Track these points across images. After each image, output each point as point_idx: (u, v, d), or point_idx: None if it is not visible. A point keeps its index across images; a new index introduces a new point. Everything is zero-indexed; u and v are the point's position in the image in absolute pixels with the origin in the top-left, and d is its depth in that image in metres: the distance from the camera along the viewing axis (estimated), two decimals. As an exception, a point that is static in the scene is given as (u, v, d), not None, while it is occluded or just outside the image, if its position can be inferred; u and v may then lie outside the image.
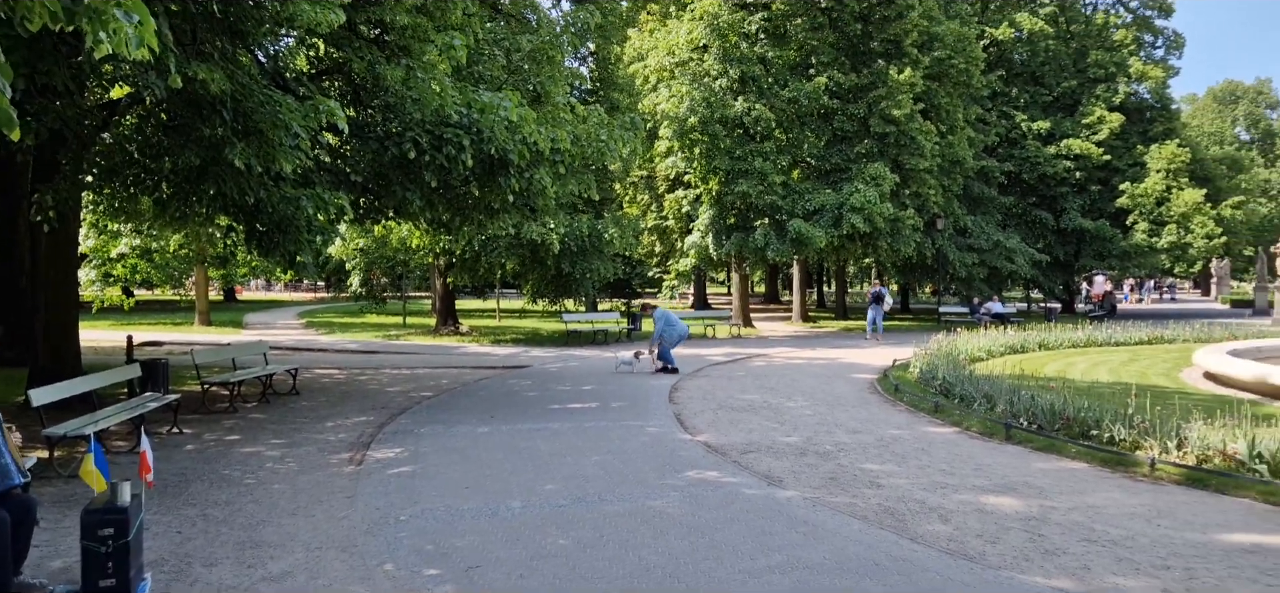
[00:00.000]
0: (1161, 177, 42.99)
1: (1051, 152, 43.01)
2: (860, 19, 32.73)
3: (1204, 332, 27.09)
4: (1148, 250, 42.77)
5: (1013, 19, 45.28)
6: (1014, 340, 22.94)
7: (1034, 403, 11.25)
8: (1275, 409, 12.37)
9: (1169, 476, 8.74)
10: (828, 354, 23.43)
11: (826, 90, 31.71)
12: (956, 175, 36.79)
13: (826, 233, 29.81)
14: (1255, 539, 6.83)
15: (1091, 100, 44.75)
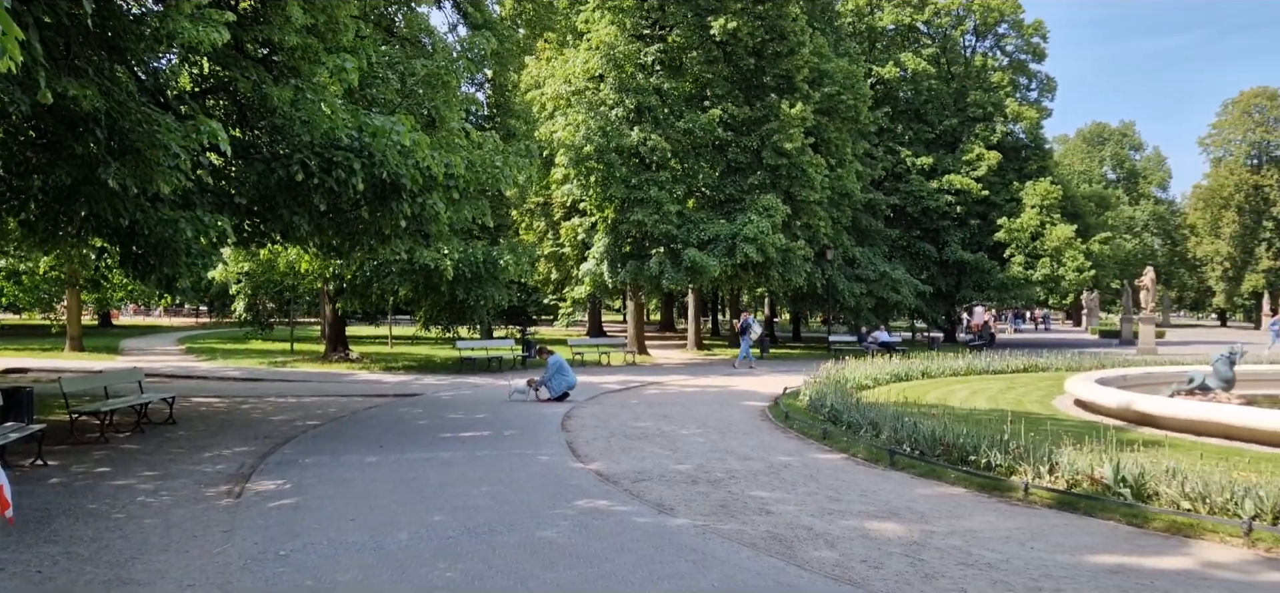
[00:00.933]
0: (1036, 212, 45.01)
1: (934, 186, 44.64)
2: (753, 54, 33.45)
3: (1075, 361, 28.38)
4: (1024, 282, 44.66)
5: (898, 59, 46.95)
6: (899, 369, 23.60)
7: (917, 430, 11.60)
8: (1139, 435, 13.04)
9: (1041, 499, 9.12)
10: (721, 382, 23.72)
11: (721, 122, 32.28)
12: (845, 208, 37.84)
13: (720, 262, 30.25)
14: (1120, 560, 7.17)
15: (971, 138, 46.66)
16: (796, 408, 16.33)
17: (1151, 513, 8.33)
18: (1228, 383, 16.53)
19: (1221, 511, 8.10)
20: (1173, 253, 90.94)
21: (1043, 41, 51.06)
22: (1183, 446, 12.07)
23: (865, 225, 41.96)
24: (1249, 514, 7.82)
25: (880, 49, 48.15)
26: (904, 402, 16.51)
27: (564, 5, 36.62)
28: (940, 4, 49.14)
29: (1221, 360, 16.69)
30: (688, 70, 33.48)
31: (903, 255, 44.40)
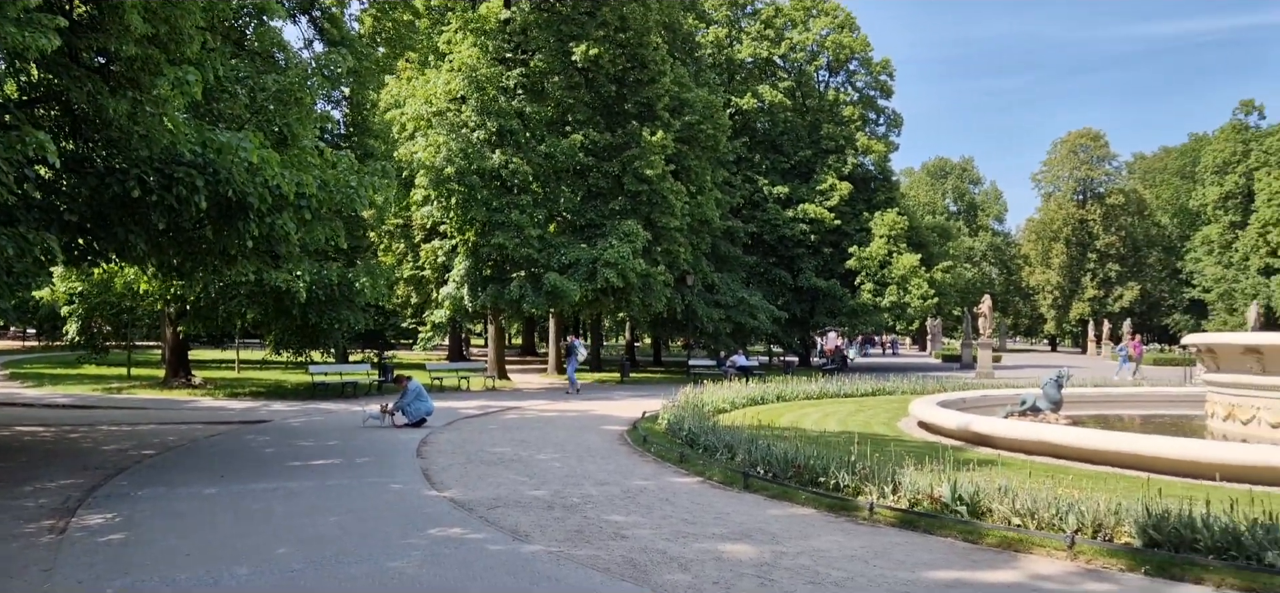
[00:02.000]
0: (884, 241, 46.97)
1: (790, 215, 46.04)
2: (615, 81, 33.81)
3: (919, 384, 29.65)
4: (873, 309, 46.46)
5: (756, 91, 48.32)
6: (756, 392, 24.13)
7: (770, 453, 11.87)
8: (976, 454, 13.73)
9: (886, 518, 9.46)
10: (580, 406, 23.71)
11: (582, 147, 32.45)
12: (705, 234, 38.59)
13: (581, 287, 30.32)
14: (956, 575, 7.51)
15: (825, 169, 48.38)
16: (655, 432, 16.47)
17: (985, 529, 8.76)
18: (1056, 405, 17.59)
19: (1048, 525, 8.59)
20: (1008, 282, 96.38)
21: (890, 79, 53.48)
22: (1015, 464, 12.73)
23: (724, 252, 42.87)
24: (1072, 528, 8.31)
25: (739, 80, 49.44)
26: (759, 425, 16.87)
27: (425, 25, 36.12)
28: (796, 40, 50.88)
29: (1050, 383, 17.75)
30: (550, 95, 33.55)
31: (760, 282, 45.54)
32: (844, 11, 52.11)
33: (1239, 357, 15.82)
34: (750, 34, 50.53)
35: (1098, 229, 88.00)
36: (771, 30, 50.43)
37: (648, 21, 33.66)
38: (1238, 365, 15.88)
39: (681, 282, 37.22)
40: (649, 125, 33.89)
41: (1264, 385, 15.24)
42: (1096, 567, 7.73)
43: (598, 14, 32.82)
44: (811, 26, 51.88)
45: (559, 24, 33.07)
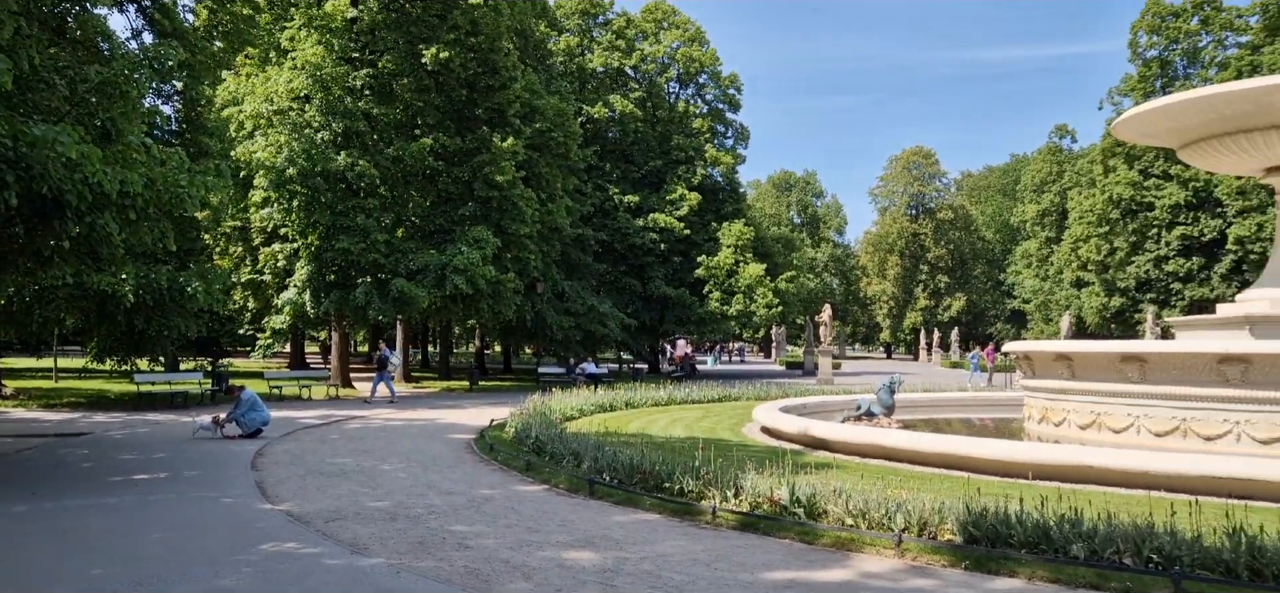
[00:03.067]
0: (731, 251, 48.11)
1: (640, 224, 46.59)
2: (466, 86, 33.40)
3: (763, 390, 30.44)
4: (720, 317, 47.49)
5: (608, 100, 48.67)
6: (605, 399, 24.25)
7: (616, 459, 11.96)
8: (814, 458, 14.23)
9: (727, 522, 9.69)
10: (428, 415, 23.28)
11: (432, 152, 31.89)
12: (555, 242, 38.56)
13: (430, 293, 29.79)
14: (792, 575, 7.76)
15: (675, 179, 49.19)
16: (502, 440, 16.34)
17: (821, 530, 9.09)
18: (889, 409, 18.39)
19: (878, 525, 8.98)
20: (848, 292, 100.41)
21: (738, 93, 54.92)
22: (851, 467, 13.27)
23: (575, 260, 42.97)
24: (900, 527, 8.73)
25: (591, 89, 49.70)
26: (607, 432, 16.98)
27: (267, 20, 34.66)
28: (647, 52, 51.59)
29: (884, 389, 18.56)
30: (399, 97, 32.84)
31: (610, 289, 45.87)
32: (694, 26, 53.20)
33: (1052, 363, 16.96)
34: (602, 44, 50.91)
35: (929, 242, 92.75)
36: (623, 41, 50.97)
37: (499, 27, 33.40)
38: (1051, 371, 17.02)
39: (532, 289, 37.08)
40: (500, 131, 33.63)
41: (1073, 390, 16.38)
42: (921, 563, 8.14)
43: (449, 17, 32.33)
44: (662, 39, 52.72)
45: (408, 25, 32.40)
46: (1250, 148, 17.46)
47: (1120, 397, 15.29)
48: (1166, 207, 55.19)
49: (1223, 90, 17.05)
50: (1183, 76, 58.78)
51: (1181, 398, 14.39)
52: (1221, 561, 7.39)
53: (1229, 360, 13.84)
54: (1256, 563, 7.27)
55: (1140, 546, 7.71)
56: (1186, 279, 54.79)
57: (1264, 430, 13.56)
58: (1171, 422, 14.49)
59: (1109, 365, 15.57)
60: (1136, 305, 55.92)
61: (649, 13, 53.49)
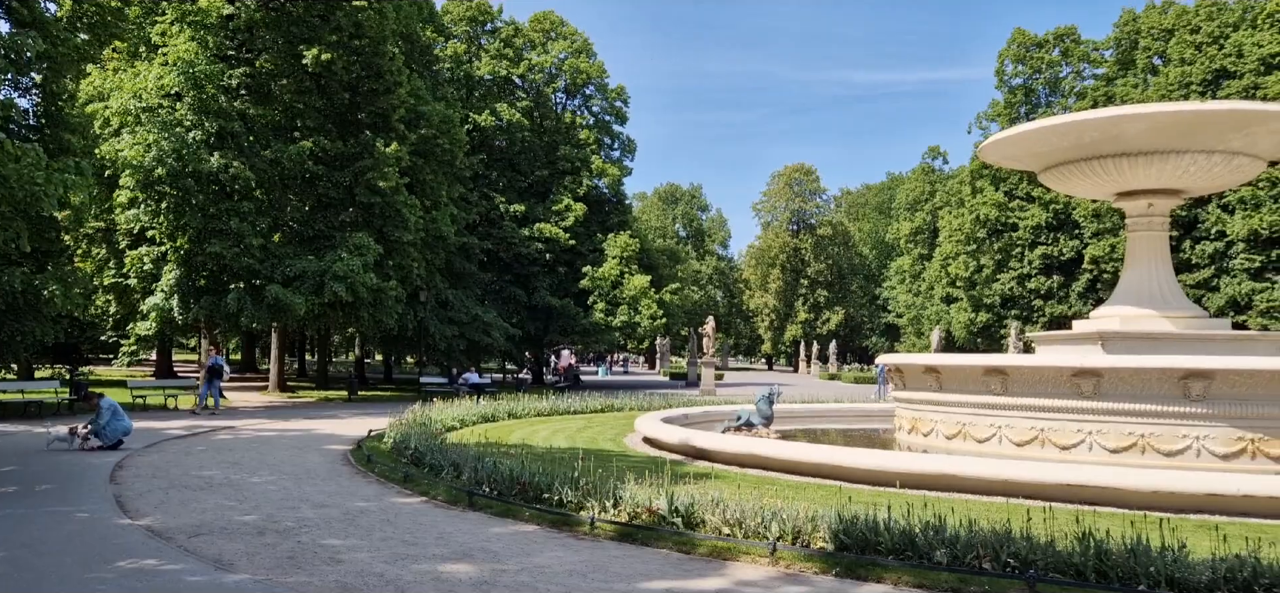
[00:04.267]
0: (617, 262, 48.28)
1: (526, 233, 46.36)
2: (348, 89, 32.67)
3: (646, 401, 30.65)
4: (605, 328, 47.60)
5: (494, 109, 48.26)
6: (487, 410, 24.03)
7: (496, 470, 11.86)
8: (695, 468, 14.41)
9: (606, 532, 9.72)
10: (303, 425, 22.62)
11: (312, 155, 31.05)
12: (439, 250, 38.01)
13: (307, 300, 28.97)
14: (669, 584, 7.85)
15: (561, 190, 49.15)
16: (380, 451, 16.01)
17: (698, 540, 9.21)
18: (768, 420, 18.79)
19: (754, 534, 9.15)
20: (731, 304, 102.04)
21: (624, 106, 55.25)
22: (729, 477, 13.49)
23: (459, 268, 42.44)
24: (774, 536, 8.92)
25: (478, 97, 49.22)
26: (488, 443, 16.81)
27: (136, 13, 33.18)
28: (535, 61, 51.44)
29: (763, 400, 18.94)
30: (278, 98, 31.88)
31: (495, 299, 45.48)
32: (582, 37, 53.31)
33: (921, 375, 17.63)
34: (490, 51, 50.54)
35: (809, 257, 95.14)
36: (511, 50, 50.71)
37: (384, 30, 32.77)
38: (920, 384, 17.68)
39: (415, 297, 36.44)
40: (383, 136, 32.98)
41: (941, 401, 17.06)
42: (795, 571, 8.34)
43: (331, 18, 31.55)
44: (550, 49, 52.66)
45: (289, 25, 31.46)
46: (1103, 173, 18.53)
47: (984, 408, 15.99)
48: (1029, 227, 57.98)
49: (1077, 118, 18.06)
50: (1045, 104, 61.98)
51: (1040, 410, 15.15)
52: (1072, 564, 7.81)
53: (1083, 375, 14.64)
54: (1103, 565, 7.71)
55: (999, 551, 8.08)
56: (1047, 296, 57.64)
57: (1114, 441, 14.39)
58: (1030, 432, 15.23)
59: (974, 378, 16.28)
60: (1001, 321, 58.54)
61: (537, 23, 53.38)
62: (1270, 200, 42.72)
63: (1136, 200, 19.28)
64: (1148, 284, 19.10)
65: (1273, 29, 45.06)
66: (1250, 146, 17.85)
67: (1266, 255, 43.66)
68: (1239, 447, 13.78)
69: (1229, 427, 13.83)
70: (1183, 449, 13.95)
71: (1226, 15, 49.83)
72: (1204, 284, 46.77)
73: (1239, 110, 17.48)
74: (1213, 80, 47.81)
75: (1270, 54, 44.36)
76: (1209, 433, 13.87)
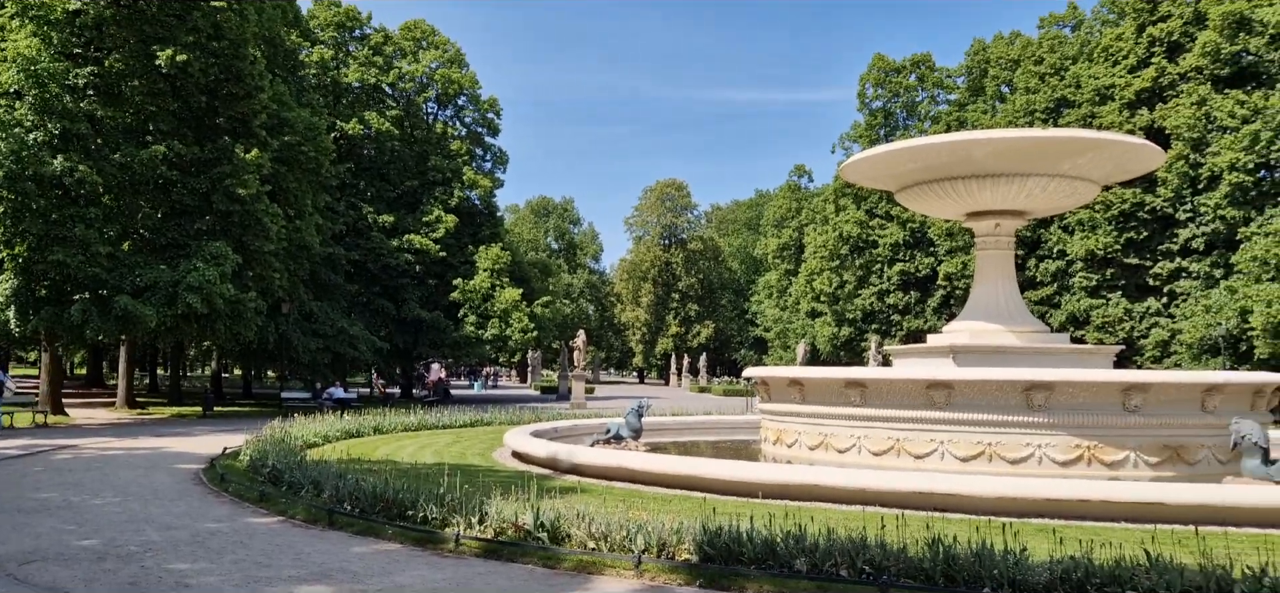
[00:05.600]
0: (488, 275, 47.86)
1: (395, 244, 45.46)
2: (206, 92, 31.34)
3: (517, 415, 30.47)
4: (476, 341, 47.06)
5: (363, 117, 47.20)
6: (352, 425, 23.41)
7: (359, 487, 11.57)
8: (563, 482, 14.38)
9: (471, 549, 9.60)
10: (153, 443, 21.53)
11: (166, 160, 29.62)
12: (303, 260, 36.84)
13: (159, 312, 27.61)
14: (533, 600, 7.82)
15: (432, 201, 48.43)
16: (235, 470, 15.38)
17: (564, 554, 9.20)
18: (637, 433, 18.95)
19: (620, 547, 9.20)
20: (603, 318, 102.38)
21: (497, 117, 54.97)
22: (597, 490, 13.52)
23: (325, 280, 41.25)
24: (640, 549, 8.99)
25: (345, 105, 48.05)
26: (352, 459, 16.39)
27: (-30, 6, 31.10)
28: (405, 70, 50.60)
29: (632, 413, 19.10)
30: (129, 100, 30.30)
31: (363, 311, 44.41)
32: (454, 46, 52.76)
33: (786, 388, 18.09)
34: (358, 58, 49.41)
35: (680, 271, 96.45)
36: (380, 57, 49.71)
37: (245, 32, 31.58)
38: (785, 396, 18.15)
39: (276, 309, 35.20)
40: (244, 142, 31.76)
41: (804, 413, 17.54)
42: (659, 583, 8.43)
43: (188, 18, 30.18)
44: (421, 58, 51.90)
45: (142, 24, 29.93)
46: (954, 194, 19.47)
47: (845, 419, 16.53)
48: (888, 245, 60.31)
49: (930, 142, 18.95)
50: (903, 127, 64.66)
51: (896, 420, 15.76)
52: (923, 569, 8.15)
53: (935, 387, 15.31)
54: (951, 570, 8.08)
55: (855, 558, 8.37)
56: (905, 311, 60.03)
57: (964, 449, 15.09)
58: (888, 442, 15.82)
59: (835, 391, 16.81)
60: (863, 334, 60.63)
61: (408, 31, 52.50)
62: (1106, 223, 45.58)
63: (985, 221, 20.33)
64: (995, 300, 20.15)
65: (1106, 62, 48.20)
66: (1086, 171, 19.07)
67: (1102, 274, 46.56)
68: (1077, 454, 14.65)
69: (1068, 435, 14.69)
70: (1026, 457, 14.74)
71: (1066, 47, 53.12)
72: (1047, 301, 49.53)
73: (1075, 138, 18.69)
74: (1055, 108, 50.84)
75: (1105, 85, 47.44)
76: (1050, 441, 14.70)
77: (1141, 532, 10.03)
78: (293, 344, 36.84)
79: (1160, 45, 45.64)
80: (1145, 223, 44.96)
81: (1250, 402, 15.84)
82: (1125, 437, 14.69)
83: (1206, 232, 42.56)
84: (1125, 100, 45.70)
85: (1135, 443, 14.70)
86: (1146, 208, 44.50)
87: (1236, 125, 40.19)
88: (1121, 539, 9.17)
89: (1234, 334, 36.76)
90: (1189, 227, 43.48)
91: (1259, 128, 39.18)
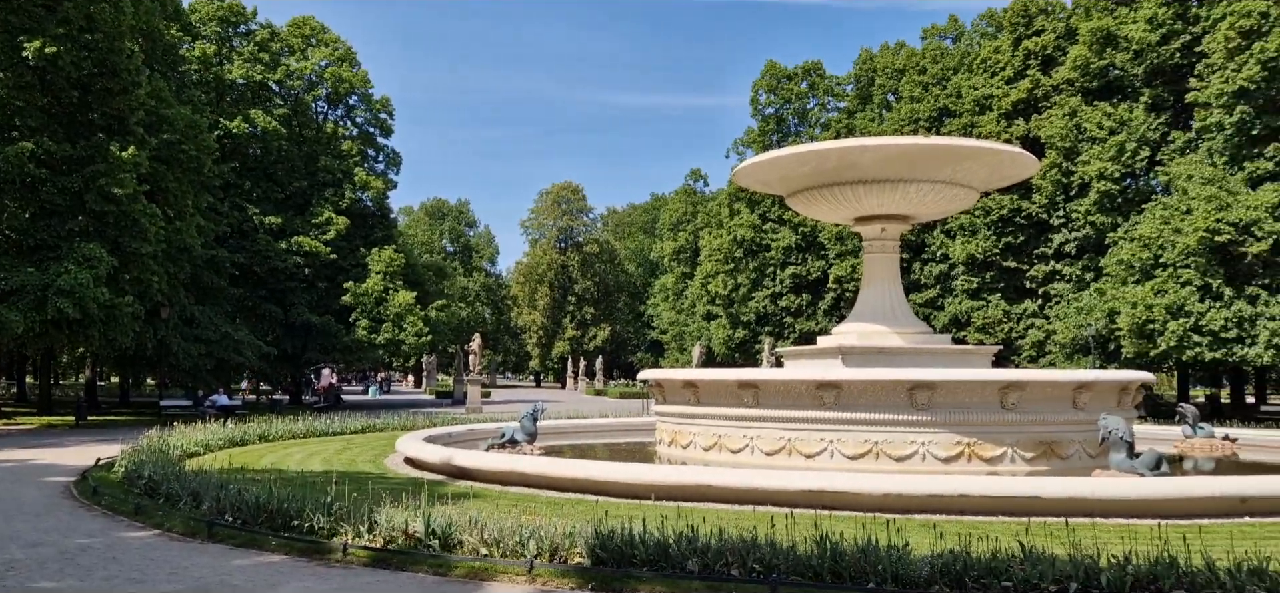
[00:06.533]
0: (381, 278, 46.88)
1: (283, 247, 44.14)
2: (78, 87, 29.86)
3: (410, 420, 29.90)
4: (368, 345, 46.07)
5: (248, 115, 45.67)
6: (235, 433, 22.62)
7: (241, 498, 11.20)
8: (457, 488, 14.18)
9: (359, 558, 9.39)
10: (20, 455, 20.42)
11: (33, 157, 28.11)
12: (184, 263, 35.44)
13: (27, 317, 26.21)
14: (423, 608, 7.69)
15: (321, 202, 47.19)
16: (109, 482, 14.70)
17: (455, 561, 9.09)
18: (532, 436, 18.82)
19: (512, 553, 9.14)
20: (499, 321, 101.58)
21: (390, 118, 53.95)
22: (491, 496, 13.39)
23: (207, 283, 39.76)
24: (532, 553, 8.95)
25: (229, 102, 46.41)
26: (235, 468, 15.86)
27: None
28: (293, 67, 49.20)
29: (527, 417, 18.96)
30: (-8, 93, 28.67)
31: (249, 315, 43.00)
32: (344, 45, 51.54)
33: (680, 390, 18.26)
34: (243, 55, 47.76)
35: (577, 274, 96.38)
36: (267, 54, 48.16)
37: (120, 25, 30.17)
38: (679, 398, 18.32)
39: (155, 314, 33.75)
40: (119, 139, 30.36)
41: (699, 415, 17.73)
42: (552, 587, 8.41)
43: (58, 9, 28.70)
44: (310, 55, 50.55)
45: (6, 13, 28.33)
46: (842, 199, 19.98)
47: (738, 420, 16.77)
48: (781, 249, 61.44)
49: (818, 147, 19.40)
50: (795, 133, 65.98)
51: (788, 421, 16.07)
52: (811, 566, 8.34)
53: (825, 387, 15.67)
54: (838, 567, 8.29)
55: (746, 557, 8.50)
56: (797, 314, 61.24)
57: (852, 448, 15.48)
58: (780, 442, 16.12)
59: (728, 392, 17.05)
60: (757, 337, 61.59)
61: (296, 28, 51.04)
62: (986, 228, 47.40)
63: (871, 225, 20.91)
64: (882, 302, 20.75)
65: (985, 74, 50.18)
66: (966, 178, 19.81)
67: (981, 277, 48.40)
68: (958, 451, 15.19)
69: (950, 433, 15.22)
70: (911, 454, 15.22)
71: (948, 59, 55.10)
72: (931, 303, 51.25)
73: (956, 146, 19.38)
74: (938, 117, 52.67)
75: (984, 96, 49.38)
76: (933, 439, 15.21)
77: (1017, 525, 10.44)
78: (173, 350, 35.39)
79: (1035, 58, 47.76)
80: (1022, 228, 46.92)
81: (1117, 399, 16.71)
82: (1003, 434, 15.31)
83: (1078, 237, 44.66)
84: (1003, 110, 47.64)
85: (1012, 440, 15.33)
86: (1023, 214, 46.44)
87: (1104, 136, 42.33)
88: (999, 532, 9.55)
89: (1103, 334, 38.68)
90: (1062, 232, 45.56)
91: (1124, 139, 41.38)
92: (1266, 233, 32.87)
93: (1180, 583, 7.55)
